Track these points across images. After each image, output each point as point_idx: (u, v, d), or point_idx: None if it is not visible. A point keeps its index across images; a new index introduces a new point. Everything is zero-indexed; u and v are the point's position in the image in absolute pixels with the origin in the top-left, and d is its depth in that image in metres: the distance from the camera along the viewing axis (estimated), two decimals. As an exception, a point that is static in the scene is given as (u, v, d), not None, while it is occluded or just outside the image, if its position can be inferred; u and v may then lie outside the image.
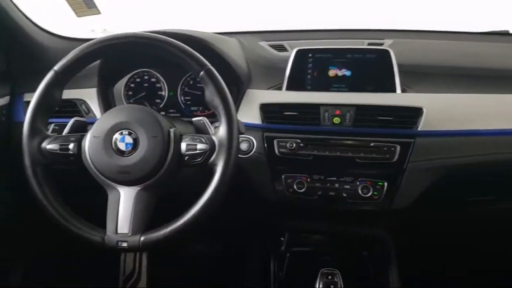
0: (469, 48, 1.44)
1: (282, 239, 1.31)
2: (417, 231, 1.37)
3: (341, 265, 1.23)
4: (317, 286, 1.17)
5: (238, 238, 1.62)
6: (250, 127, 1.16)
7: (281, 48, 1.43)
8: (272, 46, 1.44)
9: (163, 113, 1.33)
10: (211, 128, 0.98)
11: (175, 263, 1.69)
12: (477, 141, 1.12)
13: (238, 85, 1.24)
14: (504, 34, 1.57)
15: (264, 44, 1.47)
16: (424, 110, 1.11)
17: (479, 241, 1.49)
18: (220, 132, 0.92)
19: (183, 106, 1.33)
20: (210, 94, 0.94)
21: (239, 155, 1.14)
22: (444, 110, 1.13)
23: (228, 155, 0.91)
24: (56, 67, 0.96)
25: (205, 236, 1.70)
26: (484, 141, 1.12)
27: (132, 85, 1.35)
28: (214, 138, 0.93)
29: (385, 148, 1.09)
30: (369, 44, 1.40)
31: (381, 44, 1.37)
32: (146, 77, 1.35)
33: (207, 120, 0.99)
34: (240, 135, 1.05)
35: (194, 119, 1.00)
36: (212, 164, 0.92)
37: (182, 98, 1.33)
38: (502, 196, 1.26)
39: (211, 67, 0.94)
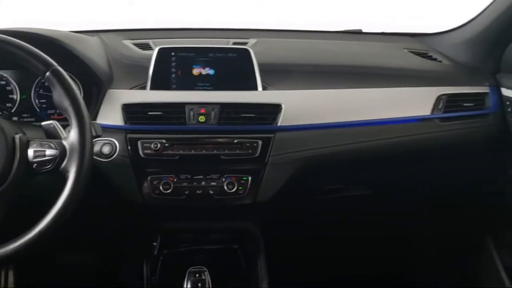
0: (326, 46, 1.53)
1: (154, 244, 1.28)
2: (281, 221, 1.44)
3: (212, 262, 1.24)
4: (185, 286, 1.17)
5: (112, 245, 1.56)
6: (111, 129, 1.11)
7: (146, 47, 1.39)
8: (137, 45, 1.40)
9: (15, 118, 1.22)
10: (62, 132, 0.92)
11: (47, 276, 1.58)
12: (331, 133, 1.19)
13: (98, 85, 1.19)
14: (357, 33, 1.70)
15: (128, 42, 1.42)
16: (283, 106, 1.15)
17: (335, 227, 1.61)
18: (71, 136, 0.87)
19: (38, 110, 1.24)
20: (58, 96, 0.89)
21: (101, 159, 1.10)
22: (302, 106, 1.19)
23: (80, 160, 0.86)
24: None
25: (79, 245, 1.61)
26: (337, 133, 1.20)
27: None
28: (64, 142, 0.88)
29: (248, 144, 1.12)
30: (234, 43, 1.41)
31: (246, 44, 1.40)
32: None
33: (57, 124, 0.92)
34: (98, 138, 1.01)
35: (43, 123, 0.93)
36: (64, 171, 0.87)
37: (37, 101, 1.24)
38: (349, 184, 1.38)
39: (58, 67, 0.89)
